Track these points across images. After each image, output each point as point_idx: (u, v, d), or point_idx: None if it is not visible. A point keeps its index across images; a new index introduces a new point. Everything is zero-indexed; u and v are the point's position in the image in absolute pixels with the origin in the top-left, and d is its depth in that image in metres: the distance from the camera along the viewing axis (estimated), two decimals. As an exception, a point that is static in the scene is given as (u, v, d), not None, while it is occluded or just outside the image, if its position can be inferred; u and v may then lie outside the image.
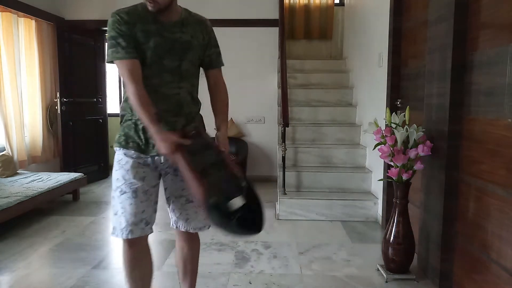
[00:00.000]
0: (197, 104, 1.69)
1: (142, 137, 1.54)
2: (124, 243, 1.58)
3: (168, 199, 1.70)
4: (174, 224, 1.74)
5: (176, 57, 1.54)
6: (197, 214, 1.68)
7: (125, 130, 1.57)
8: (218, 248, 2.79)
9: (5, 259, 2.60)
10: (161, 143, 1.42)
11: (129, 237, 1.54)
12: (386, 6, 3.12)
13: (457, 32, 2.02)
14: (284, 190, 3.52)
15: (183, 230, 1.71)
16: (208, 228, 1.72)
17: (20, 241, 2.93)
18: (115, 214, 1.56)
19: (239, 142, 4.88)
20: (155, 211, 1.64)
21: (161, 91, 1.53)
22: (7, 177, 3.77)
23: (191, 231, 1.71)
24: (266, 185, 4.69)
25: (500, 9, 1.77)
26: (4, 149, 3.99)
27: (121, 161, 1.56)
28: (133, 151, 1.54)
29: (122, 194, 1.54)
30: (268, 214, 3.58)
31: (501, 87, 1.73)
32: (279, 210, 3.45)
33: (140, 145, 1.55)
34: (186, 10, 1.60)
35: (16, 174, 3.93)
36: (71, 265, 2.51)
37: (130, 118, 1.56)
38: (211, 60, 1.66)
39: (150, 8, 1.45)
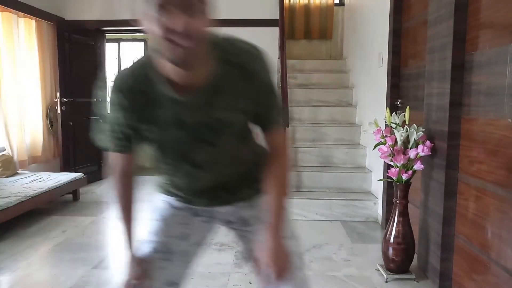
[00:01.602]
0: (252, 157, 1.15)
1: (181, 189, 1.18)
2: None
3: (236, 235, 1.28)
4: (244, 257, 1.30)
5: (207, 147, 1.03)
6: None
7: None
8: (218, 248, 2.79)
9: (5, 259, 2.60)
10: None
11: None
12: (386, 6, 3.12)
13: (457, 32, 2.02)
14: (284, 190, 3.52)
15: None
16: None
17: (20, 241, 2.93)
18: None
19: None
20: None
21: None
22: (7, 177, 3.77)
23: None
24: (266, 185, 4.70)
25: (500, 9, 1.77)
26: (4, 149, 3.99)
27: (162, 210, 1.21)
28: (177, 201, 1.19)
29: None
30: (268, 214, 3.58)
31: (501, 87, 1.73)
32: (279, 210, 3.44)
33: (184, 197, 1.19)
34: (218, 49, 0.95)
35: (16, 174, 3.93)
36: (72, 265, 2.51)
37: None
38: (258, 119, 1.05)
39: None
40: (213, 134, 1.00)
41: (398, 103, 2.65)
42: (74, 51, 4.72)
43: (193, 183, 1.13)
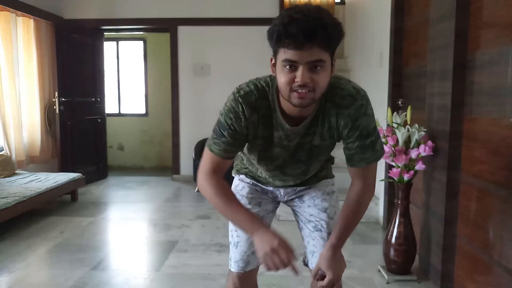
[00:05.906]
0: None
1: (262, 175, 1.39)
2: (235, 278, 1.39)
3: (298, 224, 1.52)
4: (304, 259, 1.46)
5: (300, 165, 1.27)
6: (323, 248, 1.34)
7: (248, 166, 1.43)
8: (217, 249, 2.77)
9: (3, 260, 2.58)
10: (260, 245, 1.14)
11: (246, 269, 1.38)
12: (387, 4, 3.10)
13: (459, 31, 2.00)
14: (284, 190, 3.50)
15: (310, 267, 1.42)
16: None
17: (19, 241, 2.91)
18: (230, 242, 1.44)
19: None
20: None
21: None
22: (5, 177, 3.75)
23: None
24: (266, 185, 4.68)
25: (502, 9, 1.76)
26: (2, 149, 3.96)
27: (237, 186, 1.48)
28: (249, 179, 1.45)
29: None
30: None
31: (503, 86, 1.71)
32: (279, 211, 3.40)
33: (257, 178, 1.42)
34: (328, 89, 1.07)
35: (14, 174, 3.90)
36: (70, 266, 2.49)
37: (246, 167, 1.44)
38: (350, 156, 1.20)
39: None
40: (307, 155, 1.23)
41: (400, 102, 2.63)
42: (72, 50, 4.69)
43: (275, 180, 1.36)
